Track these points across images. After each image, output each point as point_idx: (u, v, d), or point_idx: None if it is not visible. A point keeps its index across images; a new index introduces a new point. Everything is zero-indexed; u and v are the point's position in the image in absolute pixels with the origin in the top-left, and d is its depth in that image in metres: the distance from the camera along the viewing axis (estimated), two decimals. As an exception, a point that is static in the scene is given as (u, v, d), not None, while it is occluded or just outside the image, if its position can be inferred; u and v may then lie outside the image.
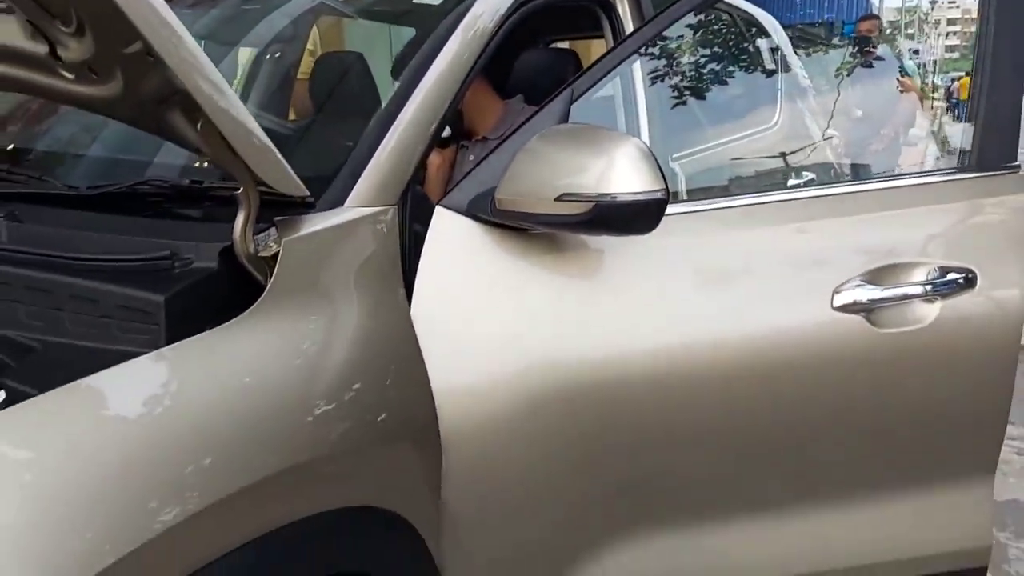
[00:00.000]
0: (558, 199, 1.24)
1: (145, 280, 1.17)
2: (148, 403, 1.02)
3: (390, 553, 1.27)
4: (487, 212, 1.35)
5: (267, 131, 1.12)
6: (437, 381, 1.31)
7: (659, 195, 1.21)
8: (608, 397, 1.41)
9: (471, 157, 2.09)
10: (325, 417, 1.15)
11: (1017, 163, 1.60)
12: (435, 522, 1.32)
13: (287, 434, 1.09)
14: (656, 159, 1.23)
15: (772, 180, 1.87)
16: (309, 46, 2.22)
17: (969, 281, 1.53)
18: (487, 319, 1.38)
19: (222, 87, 1.04)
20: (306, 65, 2.12)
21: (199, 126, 1.10)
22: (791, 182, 1.80)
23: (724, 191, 1.76)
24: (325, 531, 1.15)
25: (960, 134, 1.70)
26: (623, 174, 1.20)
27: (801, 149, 1.95)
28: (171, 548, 0.94)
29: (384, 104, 1.52)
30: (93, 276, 1.18)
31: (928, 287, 1.52)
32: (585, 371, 1.40)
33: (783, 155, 1.91)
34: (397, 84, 1.56)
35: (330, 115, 1.89)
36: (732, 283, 1.52)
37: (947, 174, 1.71)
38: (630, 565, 1.51)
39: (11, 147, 1.84)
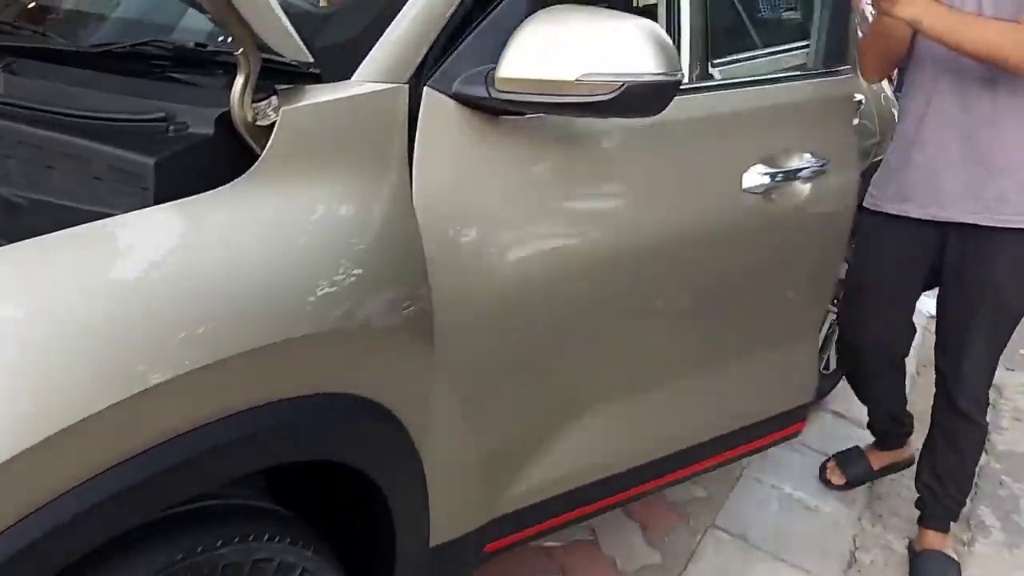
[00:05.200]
0: (579, 80, 1.16)
1: (138, 142, 1.12)
2: (125, 262, 0.99)
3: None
4: (483, 92, 1.27)
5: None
6: (434, 274, 1.27)
7: (679, 76, 1.16)
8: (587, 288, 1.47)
9: None
10: (306, 297, 1.10)
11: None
12: (423, 417, 1.29)
13: (261, 309, 1.05)
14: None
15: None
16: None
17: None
18: (479, 210, 1.33)
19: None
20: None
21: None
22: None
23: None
24: (312, 414, 1.13)
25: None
26: (648, 55, 1.12)
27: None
28: (153, 408, 0.94)
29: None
30: (85, 135, 1.13)
31: (802, 171, 1.83)
32: (571, 262, 1.44)
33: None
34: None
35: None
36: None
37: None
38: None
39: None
